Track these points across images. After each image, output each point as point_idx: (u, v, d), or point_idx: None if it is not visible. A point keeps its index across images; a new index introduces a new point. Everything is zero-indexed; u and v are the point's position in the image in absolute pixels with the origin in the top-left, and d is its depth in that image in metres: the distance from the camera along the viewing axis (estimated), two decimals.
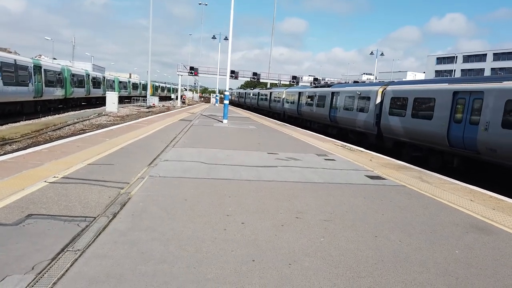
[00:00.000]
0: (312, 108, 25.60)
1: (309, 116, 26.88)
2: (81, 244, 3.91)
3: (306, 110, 27.26)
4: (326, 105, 22.71)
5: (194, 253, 3.91)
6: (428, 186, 8.04)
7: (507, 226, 5.60)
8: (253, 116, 33.77)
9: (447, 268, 3.98)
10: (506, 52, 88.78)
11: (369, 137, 17.65)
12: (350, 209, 5.92)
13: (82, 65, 65.62)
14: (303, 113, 28.13)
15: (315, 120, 25.66)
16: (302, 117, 28.78)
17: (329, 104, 22.29)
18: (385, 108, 15.94)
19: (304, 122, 28.11)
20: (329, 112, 22.23)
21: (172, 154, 9.83)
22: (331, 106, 22.05)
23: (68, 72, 35.03)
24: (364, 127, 18.01)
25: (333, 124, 22.05)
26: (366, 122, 17.69)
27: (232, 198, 6.10)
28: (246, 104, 59.98)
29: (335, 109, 21.46)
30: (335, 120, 21.38)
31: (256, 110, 48.76)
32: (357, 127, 18.77)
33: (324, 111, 23.06)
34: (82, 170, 7.21)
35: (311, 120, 26.62)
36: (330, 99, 22.18)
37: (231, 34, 23.91)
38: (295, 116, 31.04)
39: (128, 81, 67.64)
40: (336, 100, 21.52)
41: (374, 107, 17.08)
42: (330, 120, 22.14)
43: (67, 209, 4.94)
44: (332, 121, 21.93)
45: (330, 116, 22.09)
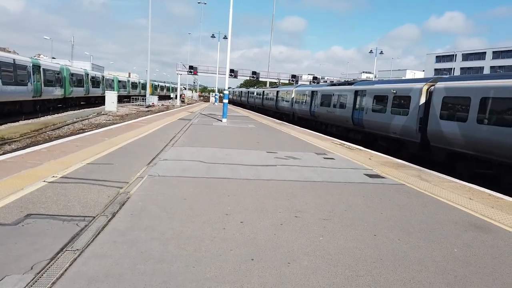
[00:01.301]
0: (330, 109, 22.66)
1: (325, 119, 23.75)
2: (80, 244, 3.91)
3: (322, 112, 24.13)
4: (348, 105, 20.01)
5: (193, 252, 3.91)
6: (427, 185, 8.05)
7: (506, 224, 5.61)
8: (252, 115, 33.76)
9: (445, 266, 3.99)
10: (506, 50, 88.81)
11: (409, 145, 14.48)
12: (349, 208, 5.93)
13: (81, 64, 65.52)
14: (318, 115, 24.92)
15: (332, 123, 22.71)
16: (316, 119, 25.60)
17: (351, 105, 19.56)
18: (434, 111, 12.74)
19: (318, 125, 25.23)
20: (351, 114, 19.43)
21: (171, 153, 9.83)
22: (354, 107, 19.32)
23: (67, 71, 35.00)
24: (401, 133, 14.88)
25: (357, 128, 19.11)
26: (405, 128, 14.54)
27: (231, 197, 6.10)
28: (249, 104, 56.15)
29: (360, 111, 18.61)
30: (360, 123, 18.51)
31: (261, 110, 44.92)
32: (390, 133, 15.69)
33: (345, 112, 20.31)
34: (81, 169, 7.21)
35: (328, 123, 23.52)
36: (354, 99, 19.40)
37: (230, 33, 23.89)
38: (307, 118, 27.72)
39: (127, 80, 67.60)
40: (361, 100, 18.70)
41: (416, 109, 13.95)
42: (353, 123, 19.31)
43: (66, 209, 4.94)
44: (356, 124, 19.03)
45: (353, 119, 19.27)
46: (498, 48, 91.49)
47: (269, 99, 42.12)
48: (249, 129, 18.69)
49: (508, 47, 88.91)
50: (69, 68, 36.59)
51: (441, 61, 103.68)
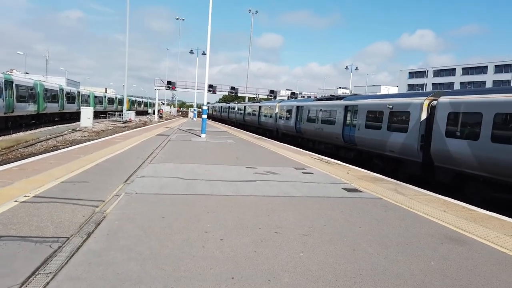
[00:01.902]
0: (317, 126, 21.33)
1: (312, 135, 22.38)
2: (53, 267, 3.77)
3: (309, 128, 22.74)
4: (338, 122, 18.75)
5: (172, 272, 3.83)
6: (403, 198, 8.20)
7: (479, 236, 5.76)
8: (232, 130, 33.75)
9: (423, 279, 4.05)
10: (474, 66, 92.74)
11: (409, 165, 13.35)
12: (328, 223, 5.96)
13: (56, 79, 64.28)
14: (305, 131, 23.59)
15: (320, 140, 21.39)
16: (302, 136, 24.27)
17: (341, 121, 18.36)
18: (438, 128, 11.65)
19: (305, 142, 23.87)
20: (342, 130, 18.22)
21: (149, 170, 9.68)
22: (344, 123, 18.12)
23: (41, 87, 34.21)
24: (400, 152, 13.70)
25: (349, 146, 17.83)
26: (405, 146, 13.36)
27: (210, 214, 6.04)
28: (230, 119, 54.25)
29: (351, 127, 17.43)
30: (352, 141, 17.27)
31: (242, 126, 43.47)
32: (387, 151, 14.51)
33: (334, 129, 19.02)
34: (55, 188, 7.00)
35: (316, 140, 22.17)
36: (344, 115, 18.29)
37: (208, 49, 24.03)
38: (292, 134, 26.33)
39: (104, 95, 66.62)
40: (352, 115, 17.60)
41: (417, 125, 12.83)
42: (344, 140, 18.07)
43: (38, 230, 4.76)
44: (347, 141, 17.79)
45: (344, 136, 18.05)
46: (467, 64, 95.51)
47: (251, 115, 40.57)
48: (228, 145, 18.66)
49: (477, 64, 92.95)
50: (43, 83, 35.79)
51: (413, 77, 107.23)
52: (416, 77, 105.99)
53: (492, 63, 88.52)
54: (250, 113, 40.92)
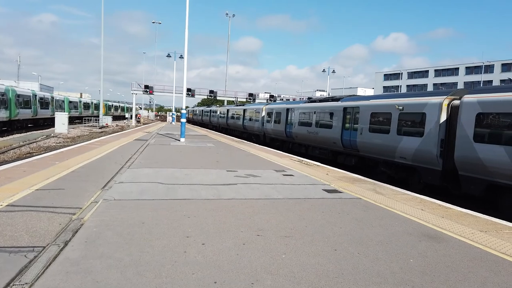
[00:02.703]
0: (311, 130, 19.52)
1: (305, 140, 20.55)
2: (29, 277, 3.64)
3: (301, 132, 20.85)
4: (336, 125, 17.11)
5: (153, 278, 3.77)
6: (382, 198, 8.35)
7: (455, 233, 5.92)
8: (211, 134, 33.59)
9: (403, 277, 4.13)
10: (446, 68, 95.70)
11: (425, 174, 11.68)
12: (309, 224, 6.00)
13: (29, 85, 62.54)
14: (296, 136, 21.70)
15: (315, 145, 19.58)
16: (293, 141, 22.36)
17: (340, 124, 16.72)
18: (463, 131, 10.16)
19: (296, 147, 22.12)
20: (341, 135, 16.52)
21: (127, 176, 9.51)
22: (343, 126, 16.48)
23: (13, 92, 33.19)
24: (414, 159, 12.01)
25: (349, 152, 16.16)
26: (420, 152, 11.69)
27: (191, 218, 5.98)
28: (212, 124, 51.65)
29: (352, 131, 15.77)
30: (353, 146, 15.57)
31: (226, 130, 41.27)
32: (397, 158, 12.83)
33: (332, 133, 17.33)
34: (29, 196, 6.78)
35: (309, 145, 20.33)
36: (343, 117, 16.61)
37: (186, 52, 23.88)
38: (282, 139, 24.53)
39: (79, 100, 65.21)
40: (353, 118, 15.89)
41: (435, 129, 11.24)
42: (343, 145, 16.38)
43: (12, 240, 4.60)
44: (347, 147, 16.12)
45: (343, 141, 16.34)
46: (439, 66, 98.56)
47: (235, 118, 38.24)
48: (208, 148, 18.56)
49: (448, 66, 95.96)
50: (15, 89, 34.72)
51: (388, 79, 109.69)
52: (391, 79, 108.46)
53: (463, 65, 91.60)
54: (234, 117, 38.72)
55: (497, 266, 4.58)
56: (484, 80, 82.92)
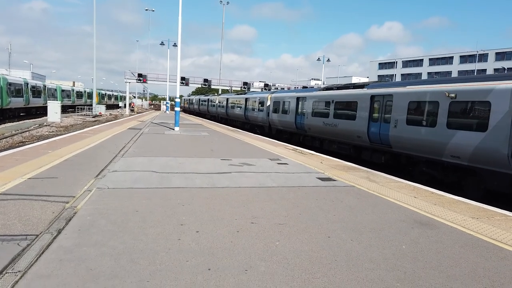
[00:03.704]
0: (329, 121, 17.13)
1: (321, 133, 18.13)
2: (22, 265, 3.63)
3: (316, 124, 18.45)
4: (361, 116, 14.71)
5: (147, 266, 3.77)
6: (375, 186, 8.40)
7: (447, 220, 5.98)
8: (206, 123, 33.49)
9: (395, 263, 4.17)
10: (440, 57, 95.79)
11: (489, 178, 9.53)
12: (303, 212, 6.03)
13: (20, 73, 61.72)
14: (309, 128, 19.26)
15: (333, 139, 17.15)
16: (305, 133, 19.97)
17: (366, 115, 14.37)
18: None
19: (308, 140, 19.77)
20: (367, 127, 14.21)
21: (121, 164, 9.47)
22: (371, 118, 14.16)
23: (4, 80, 32.73)
24: (472, 159, 9.84)
25: (378, 147, 13.77)
26: (483, 151, 9.53)
27: (186, 206, 5.98)
28: (210, 113, 48.86)
29: (382, 124, 13.45)
30: (384, 141, 13.26)
31: (225, 121, 38.83)
32: (446, 157, 10.65)
33: (355, 125, 14.99)
34: (22, 185, 6.73)
35: (325, 139, 17.95)
36: (370, 107, 14.30)
37: (179, 40, 23.63)
38: (291, 131, 21.92)
39: (72, 89, 64.50)
40: (383, 108, 13.60)
41: (505, 121, 9.02)
42: (370, 140, 14.14)
43: (5, 228, 4.57)
44: (376, 142, 13.81)
45: (370, 135, 14.09)
46: (434, 55, 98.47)
47: (235, 108, 35.45)
48: (202, 137, 18.51)
49: (442, 55, 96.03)
50: (6, 77, 34.24)
51: (383, 68, 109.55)
52: (386, 68, 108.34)
53: (457, 53, 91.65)
54: (235, 106, 35.82)
55: (487, 252, 4.65)
56: (478, 69, 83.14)
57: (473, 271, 4.04)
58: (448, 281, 3.78)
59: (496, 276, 3.94)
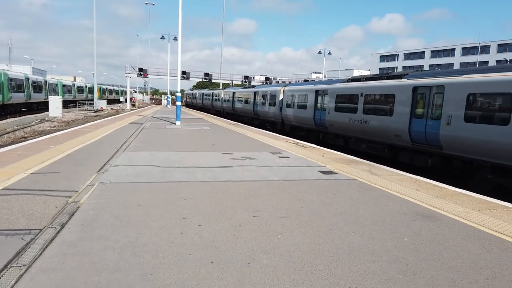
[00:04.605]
0: (356, 117, 15.14)
1: (346, 130, 16.24)
2: (26, 259, 3.66)
3: (339, 120, 16.53)
4: (399, 112, 12.77)
5: (150, 259, 3.80)
6: (377, 179, 8.41)
7: (449, 212, 5.99)
8: (207, 117, 33.48)
9: (397, 255, 4.19)
10: (442, 49, 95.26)
11: None
12: (305, 205, 6.05)
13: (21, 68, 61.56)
14: (331, 125, 17.28)
15: (361, 137, 15.18)
16: (327, 130, 17.96)
17: (407, 111, 12.41)
18: None
19: (330, 139, 17.87)
20: (408, 125, 12.25)
21: (123, 159, 9.49)
22: (413, 114, 12.23)
23: (5, 76, 32.72)
24: None
25: (423, 148, 11.82)
26: None
27: (188, 200, 6.00)
28: (215, 108, 46.58)
29: (429, 121, 11.52)
30: (432, 141, 11.33)
31: (232, 116, 36.54)
32: None
33: (392, 122, 13.06)
34: (25, 180, 6.76)
35: (352, 136, 15.97)
36: (411, 101, 12.32)
37: (180, 34, 23.54)
38: (308, 128, 20.06)
39: (73, 84, 64.45)
40: (429, 102, 11.64)
41: None
42: (411, 140, 12.17)
43: (9, 223, 4.60)
44: (420, 142, 11.85)
45: (412, 133, 12.15)
46: (435, 47, 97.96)
47: (243, 102, 33.11)
48: (204, 131, 18.52)
49: (444, 47, 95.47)
50: (7, 72, 34.23)
51: (385, 60, 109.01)
52: (387, 61, 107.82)
53: (459, 45, 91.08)
54: (242, 101, 33.40)
55: (489, 243, 4.66)
56: (480, 61, 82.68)
57: (475, 263, 4.06)
58: (450, 272, 3.80)
59: (497, 268, 3.96)
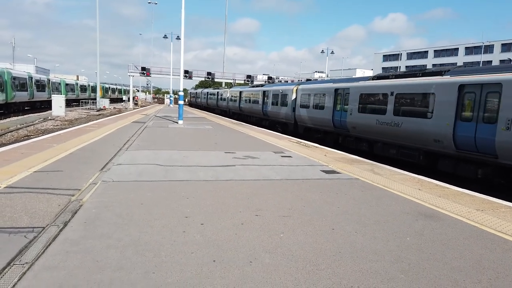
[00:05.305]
0: (385, 119, 13.51)
1: (372, 133, 14.54)
2: (29, 257, 3.67)
3: (364, 122, 14.90)
4: (440, 114, 11.14)
5: (152, 257, 3.81)
6: (379, 178, 8.39)
7: (452, 212, 5.97)
8: (210, 116, 33.49)
9: (400, 255, 4.18)
10: (445, 49, 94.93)
11: None
12: (307, 204, 6.04)
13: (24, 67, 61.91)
14: (354, 127, 15.67)
15: (391, 141, 13.47)
16: (348, 133, 16.39)
17: (450, 113, 10.76)
18: None
19: (352, 142, 16.17)
20: (453, 129, 10.62)
21: (125, 158, 9.51)
22: (458, 116, 10.60)
23: (9, 75, 32.84)
24: None
25: (473, 156, 10.24)
26: None
27: (190, 199, 6.01)
28: (220, 108, 45.13)
29: (480, 125, 9.97)
30: (484, 148, 9.82)
31: (238, 116, 34.98)
32: None
33: (431, 126, 11.46)
34: (28, 178, 6.78)
35: (378, 141, 14.27)
36: (456, 102, 10.69)
37: (183, 33, 23.55)
38: (326, 130, 18.52)
39: (76, 83, 64.61)
40: (480, 103, 10.10)
41: None
42: (456, 146, 10.58)
43: (12, 220, 4.62)
44: (467, 149, 10.29)
45: (457, 139, 10.54)
46: (438, 47, 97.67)
47: (251, 102, 31.40)
48: (206, 130, 18.53)
49: (447, 46, 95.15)
50: (10, 71, 34.36)
51: (387, 60, 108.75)
52: (390, 60, 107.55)
53: (462, 45, 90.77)
54: (250, 100, 31.62)
55: (492, 243, 4.64)
56: (483, 61, 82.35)
57: (478, 263, 4.04)
58: (453, 272, 3.79)
59: (501, 268, 3.94)
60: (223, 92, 44.54)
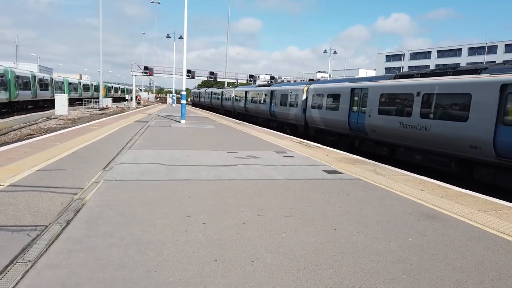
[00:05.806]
0: (410, 121, 12.26)
1: (394, 137, 13.13)
2: (32, 255, 3.69)
3: (386, 125, 13.55)
4: (477, 116, 9.89)
5: (154, 256, 3.82)
6: (382, 178, 8.38)
7: (454, 212, 5.96)
8: (213, 116, 33.51)
9: (401, 255, 4.18)
10: (448, 49, 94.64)
11: None
12: (309, 204, 6.04)
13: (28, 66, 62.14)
14: (373, 130, 14.34)
15: (417, 146, 12.16)
16: (366, 136, 14.99)
17: (490, 116, 9.49)
18: None
19: (371, 147, 14.79)
20: (493, 134, 9.35)
21: (128, 157, 9.53)
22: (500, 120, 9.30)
23: (12, 74, 32.95)
24: None
25: None
26: None
27: (192, 198, 6.02)
28: (225, 108, 44.16)
29: None
30: None
31: (244, 117, 34.02)
32: None
33: (466, 130, 10.19)
34: (31, 176, 6.81)
35: (402, 145, 12.96)
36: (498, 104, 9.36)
37: (185, 32, 23.58)
38: (340, 133, 17.21)
39: (79, 82, 64.79)
40: None
41: None
42: (496, 154, 9.30)
43: (15, 219, 4.64)
44: (508, 156, 9.03)
45: (497, 145, 9.28)
46: (441, 47, 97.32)
47: (258, 102, 30.12)
48: (208, 130, 18.55)
49: (451, 47, 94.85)
50: (14, 70, 34.47)
51: (390, 60, 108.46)
52: (393, 60, 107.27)
53: (465, 45, 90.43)
54: (257, 101, 30.37)
55: (495, 244, 4.63)
56: (487, 61, 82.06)
57: (480, 264, 4.04)
58: (455, 273, 3.78)
59: (503, 269, 3.93)
60: (228, 92, 43.55)
